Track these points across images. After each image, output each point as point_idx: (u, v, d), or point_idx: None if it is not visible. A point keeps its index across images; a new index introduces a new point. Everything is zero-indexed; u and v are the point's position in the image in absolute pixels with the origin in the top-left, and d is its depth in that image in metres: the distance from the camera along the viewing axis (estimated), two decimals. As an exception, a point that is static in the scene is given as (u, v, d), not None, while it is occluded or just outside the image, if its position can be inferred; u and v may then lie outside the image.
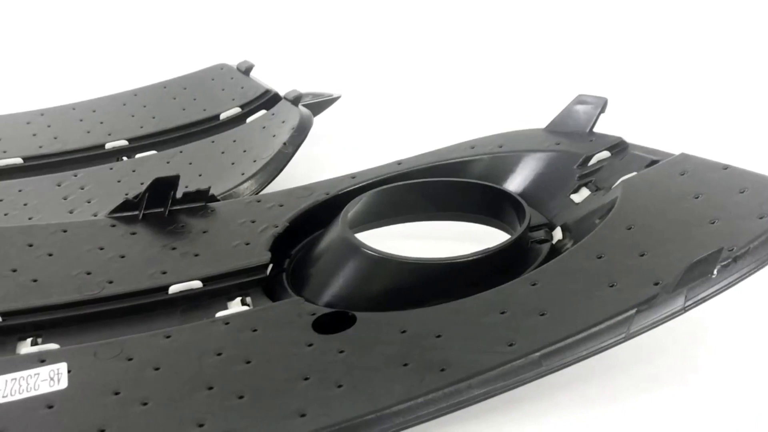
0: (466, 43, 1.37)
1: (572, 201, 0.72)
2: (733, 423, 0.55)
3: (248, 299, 0.65)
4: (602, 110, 0.79)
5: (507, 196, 0.72)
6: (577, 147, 0.77)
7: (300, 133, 0.90)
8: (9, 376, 0.54)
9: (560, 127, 0.80)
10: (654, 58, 1.26)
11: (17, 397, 0.53)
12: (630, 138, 0.77)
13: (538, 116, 0.83)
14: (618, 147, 0.76)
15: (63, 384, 0.54)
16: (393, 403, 0.51)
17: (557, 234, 0.69)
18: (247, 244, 0.69)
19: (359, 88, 1.17)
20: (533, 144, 0.79)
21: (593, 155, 0.75)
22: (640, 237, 0.61)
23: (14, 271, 0.64)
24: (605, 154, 0.75)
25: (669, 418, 0.56)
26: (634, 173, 0.70)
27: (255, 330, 0.59)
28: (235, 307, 0.64)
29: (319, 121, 0.97)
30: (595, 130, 0.79)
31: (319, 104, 1.02)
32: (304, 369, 0.54)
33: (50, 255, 0.67)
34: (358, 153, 0.99)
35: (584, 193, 0.72)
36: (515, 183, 0.76)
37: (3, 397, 0.53)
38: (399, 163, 0.80)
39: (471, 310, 0.58)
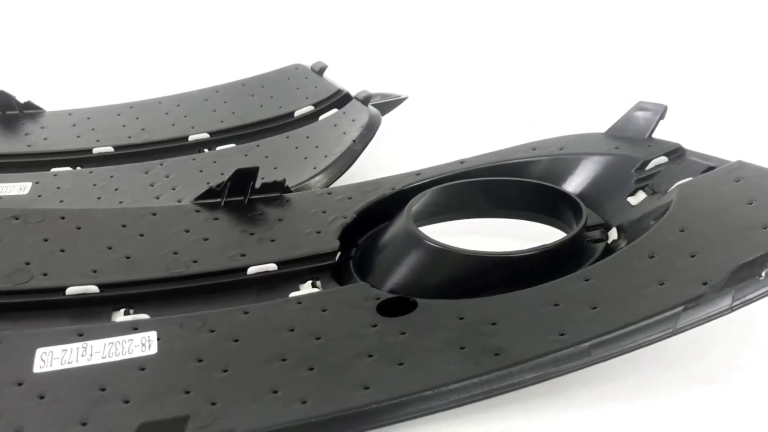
0: (534, 46, 1.40)
1: (629, 203, 0.74)
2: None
3: (318, 282, 0.70)
4: (662, 117, 0.81)
5: (565, 196, 0.75)
6: (635, 152, 0.79)
7: (369, 131, 0.94)
8: (107, 340, 0.60)
9: (620, 132, 0.82)
10: (717, 66, 1.26)
11: (114, 359, 0.59)
12: (688, 145, 0.78)
13: (599, 121, 0.86)
14: (676, 153, 0.77)
15: (153, 350, 0.60)
16: (449, 382, 0.55)
17: (612, 234, 0.71)
18: (318, 232, 0.74)
19: (426, 90, 1.22)
20: (593, 147, 0.81)
21: (651, 160, 0.77)
22: (692, 239, 0.63)
23: (110, 248, 0.71)
24: (663, 159, 0.77)
25: (707, 415, 0.57)
26: (690, 178, 0.72)
27: (324, 310, 0.64)
28: (306, 289, 0.69)
29: (386, 120, 1.01)
30: (653, 136, 0.81)
31: (388, 104, 1.07)
32: (368, 347, 0.59)
33: (141, 235, 0.73)
34: (423, 151, 1.03)
35: (641, 196, 0.75)
36: (574, 184, 0.78)
37: (102, 358, 0.59)
38: (462, 162, 0.83)
39: (526, 301, 0.61)
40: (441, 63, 1.37)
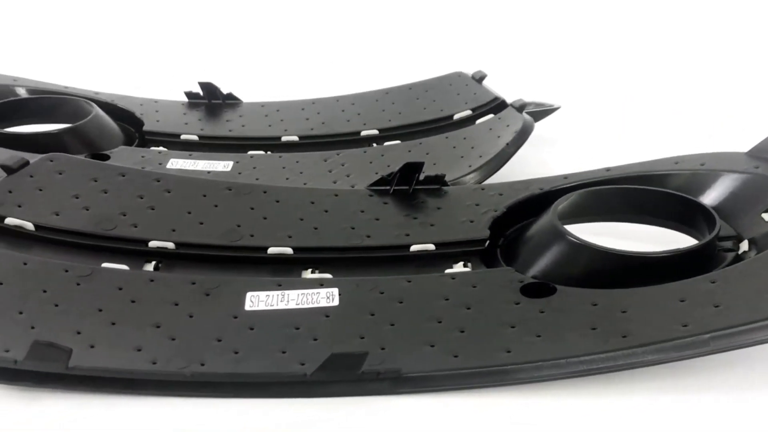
0: (687, 63, 1.43)
1: (763, 219, 0.78)
2: None
3: (469, 264, 0.81)
4: (804, 144, 0.85)
5: (701, 207, 0.81)
6: (775, 172, 0.83)
7: (522, 136, 1.02)
8: (300, 291, 0.75)
9: (762, 153, 0.86)
10: None
11: (305, 306, 0.73)
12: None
13: (743, 139, 0.90)
14: (815, 177, 0.81)
15: (335, 302, 0.74)
16: (580, 354, 0.65)
17: (743, 246, 0.77)
18: (471, 221, 0.85)
19: (578, 100, 1.29)
20: (733, 165, 0.85)
21: (789, 181, 0.81)
22: (821, 253, 0.68)
23: (302, 219, 0.85)
24: (802, 182, 0.80)
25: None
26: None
27: (474, 286, 0.75)
28: (459, 268, 0.80)
29: (538, 126, 1.09)
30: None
31: (541, 112, 1.15)
32: (511, 319, 0.70)
33: (326, 211, 0.86)
34: (569, 157, 1.11)
35: (776, 213, 0.79)
36: (711, 197, 0.83)
37: (296, 304, 0.74)
38: (607, 169, 0.90)
39: (655, 295, 0.69)
40: (593, 75, 1.44)
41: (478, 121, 1.11)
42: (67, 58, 1.50)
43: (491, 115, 1.11)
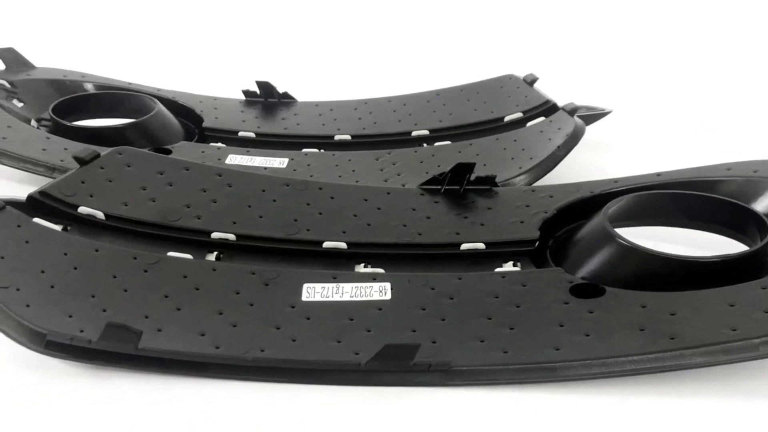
0: (741, 69, 1.42)
1: None
2: None
3: (518, 264, 0.82)
4: None
5: (753, 214, 0.81)
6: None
7: (573, 139, 1.03)
8: (353, 284, 0.77)
9: None
10: None
11: (358, 298, 0.76)
12: None
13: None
14: None
15: (388, 296, 0.76)
16: (628, 353, 0.66)
17: (796, 254, 0.77)
18: (522, 222, 0.86)
19: (630, 104, 1.29)
20: (787, 173, 0.86)
21: None
22: None
23: (355, 216, 0.88)
24: None
25: None
26: None
27: (524, 285, 0.77)
28: (508, 267, 0.82)
29: (590, 130, 1.10)
30: None
31: (592, 116, 1.15)
32: (560, 318, 0.72)
33: (379, 209, 0.89)
34: (621, 161, 1.12)
35: (831, 223, 0.79)
36: (763, 204, 0.84)
37: (350, 297, 0.76)
38: (658, 174, 0.91)
39: (704, 299, 0.70)
40: (646, 79, 1.44)
41: (529, 124, 1.12)
42: (131, 56, 1.56)
43: (542, 118, 1.12)
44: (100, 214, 0.84)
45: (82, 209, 0.83)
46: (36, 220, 0.81)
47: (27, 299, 0.71)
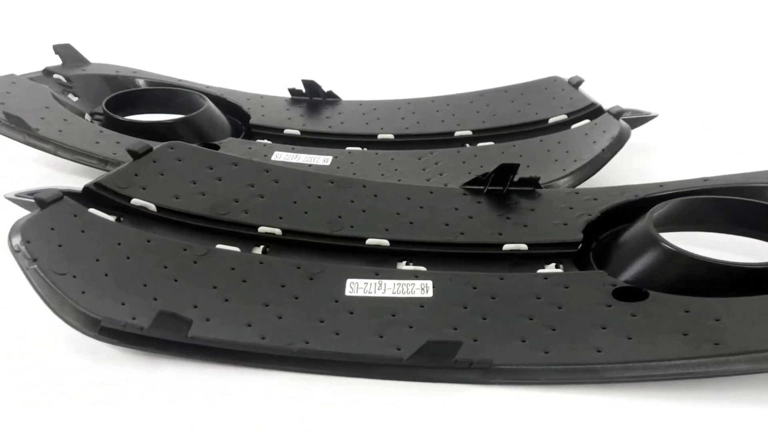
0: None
1: None
2: None
3: (561, 265, 0.83)
4: None
5: (801, 221, 0.80)
6: None
7: (618, 142, 1.03)
8: (396, 281, 0.78)
9: None
10: None
11: (401, 295, 0.77)
12: None
13: None
14: None
15: (429, 294, 0.77)
16: (672, 358, 0.66)
17: None
18: (565, 224, 0.87)
19: (677, 108, 1.28)
20: (839, 180, 0.85)
21: None
22: None
23: (398, 214, 0.89)
24: None
25: None
26: None
27: (567, 287, 0.77)
28: (551, 269, 0.82)
29: (635, 133, 1.09)
30: None
31: (638, 120, 1.14)
32: (602, 320, 0.72)
33: (421, 207, 0.90)
34: (667, 166, 1.11)
35: None
36: (814, 212, 0.83)
37: (392, 293, 0.78)
38: (705, 179, 0.90)
39: (750, 306, 0.70)
40: (693, 83, 1.42)
41: (574, 126, 1.12)
42: (182, 54, 1.60)
43: (587, 121, 1.12)
44: (151, 206, 0.86)
45: (135, 201, 0.86)
46: (91, 210, 0.84)
47: (83, 286, 0.74)
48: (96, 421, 0.66)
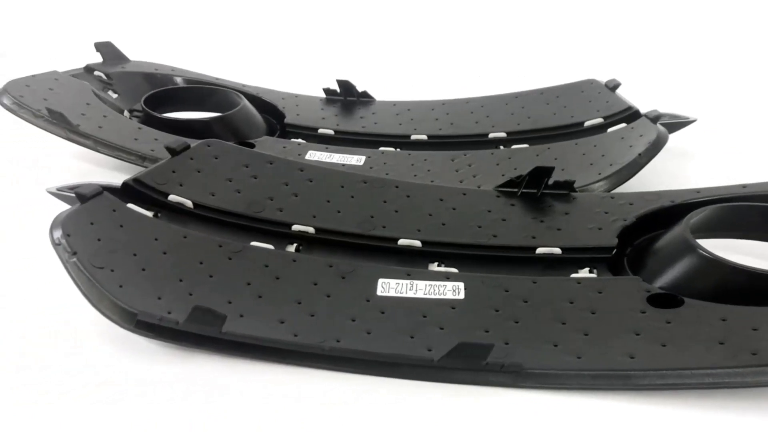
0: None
1: None
2: None
3: (594, 270, 0.82)
4: None
5: None
6: None
7: (655, 147, 1.01)
8: (427, 282, 0.79)
9: None
10: None
11: (432, 296, 0.77)
12: None
13: None
14: None
15: (461, 296, 0.77)
16: (707, 366, 0.65)
17: None
18: (600, 229, 0.86)
19: (715, 113, 1.26)
20: None
21: None
22: None
23: (430, 215, 0.89)
24: None
25: None
26: None
27: (600, 292, 0.76)
28: (584, 273, 0.81)
29: (673, 138, 1.08)
30: None
31: (676, 124, 1.12)
32: (636, 327, 0.71)
33: (454, 209, 0.90)
34: (704, 171, 1.09)
35: None
36: None
37: (424, 294, 0.78)
38: (744, 186, 0.89)
39: (789, 316, 0.69)
40: (732, 89, 1.39)
41: (610, 130, 1.11)
42: (219, 52, 1.62)
43: (623, 125, 1.11)
44: (188, 203, 0.88)
45: (172, 197, 0.88)
46: (130, 205, 0.85)
47: (120, 280, 0.75)
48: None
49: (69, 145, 1.10)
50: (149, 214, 0.86)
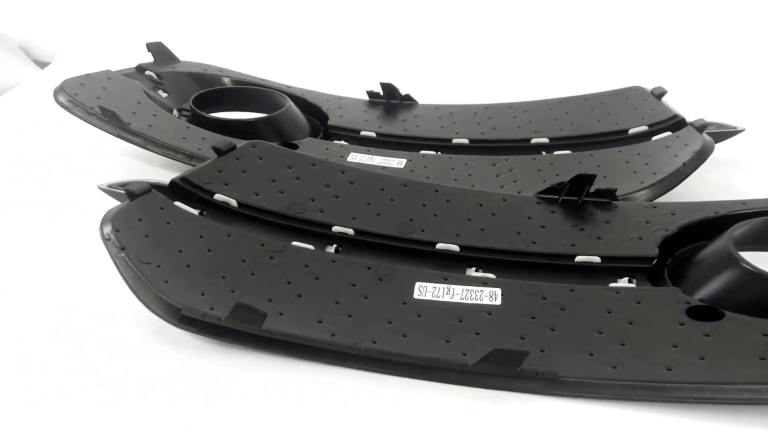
0: None
1: None
2: None
3: (634, 280, 0.81)
4: None
5: None
6: None
7: (700, 156, 0.99)
8: (464, 287, 0.79)
9: None
10: None
11: (468, 301, 0.78)
12: None
13: None
14: None
15: (498, 302, 0.78)
16: (747, 382, 0.64)
17: None
18: (640, 238, 0.85)
19: (764, 123, 1.23)
20: None
21: None
22: None
23: (469, 220, 0.89)
24: None
25: None
26: None
27: (638, 302, 0.76)
28: (623, 283, 0.81)
29: (719, 148, 1.05)
30: None
31: (722, 134, 1.10)
32: (674, 339, 0.70)
33: (493, 215, 0.90)
34: (751, 183, 1.07)
35: None
36: None
37: (460, 299, 0.78)
38: None
39: (834, 334, 0.67)
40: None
41: (655, 138, 1.09)
42: (266, 53, 1.65)
43: (668, 133, 1.09)
44: (233, 202, 0.90)
45: (218, 196, 0.90)
46: (177, 203, 0.88)
47: (166, 276, 0.78)
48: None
49: (120, 142, 1.14)
50: (195, 212, 0.88)
